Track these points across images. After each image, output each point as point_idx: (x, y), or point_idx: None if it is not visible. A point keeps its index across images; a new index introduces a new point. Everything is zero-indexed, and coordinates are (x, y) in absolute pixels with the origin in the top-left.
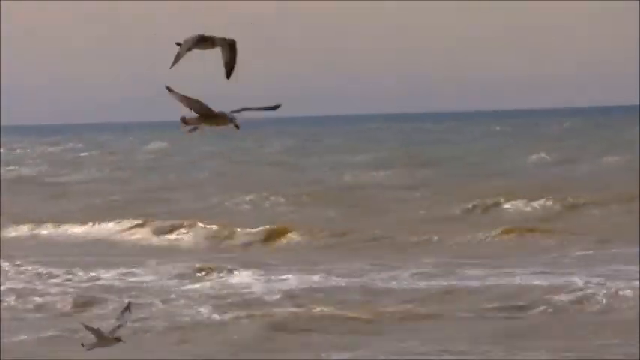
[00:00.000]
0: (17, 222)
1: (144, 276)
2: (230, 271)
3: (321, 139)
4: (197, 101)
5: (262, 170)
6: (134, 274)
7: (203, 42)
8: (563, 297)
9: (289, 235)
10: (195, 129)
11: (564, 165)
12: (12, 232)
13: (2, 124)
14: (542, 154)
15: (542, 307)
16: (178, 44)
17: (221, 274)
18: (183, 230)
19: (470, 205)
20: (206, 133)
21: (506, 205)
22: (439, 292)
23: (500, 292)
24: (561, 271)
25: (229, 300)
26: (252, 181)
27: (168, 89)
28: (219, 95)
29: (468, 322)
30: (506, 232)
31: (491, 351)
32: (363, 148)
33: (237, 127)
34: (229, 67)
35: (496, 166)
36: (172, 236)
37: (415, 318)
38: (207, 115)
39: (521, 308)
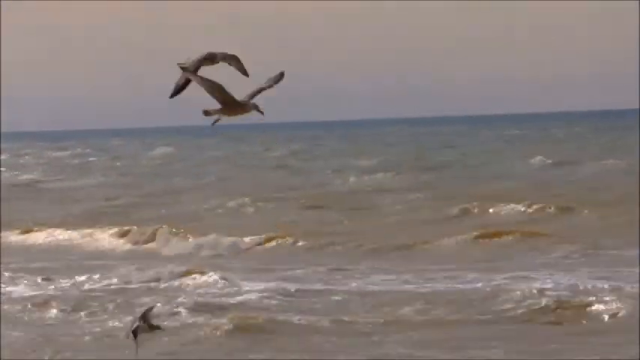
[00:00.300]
0: (10, 227)
1: (135, 280)
2: (226, 275)
3: (329, 142)
4: (219, 87)
5: (265, 174)
6: (125, 278)
7: (204, 62)
8: (565, 300)
9: (285, 239)
10: (218, 120)
11: (564, 168)
12: (7, 236)
13: (17, 130)
14: (542, 157)
15: (543, 311)
16: (183, 68)
17: (216, 278)
18: (179, 234)
19: (466, 206)
20: (214, 138)
21: (501, 208)
22: (435, 295)
23: (498, 296)
24: (564, 273)
25: (222, 304)
26: (253, 184)
27: (183, 69)
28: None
29: (470, 325)
30: (503, 234)
31: (493, 355)
32: (368, 152)
33: (261, 112)
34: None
35: (495, 170)
36: (167, 240)
37: (412, 322)
38: (228, 104)
39: (520, 311)
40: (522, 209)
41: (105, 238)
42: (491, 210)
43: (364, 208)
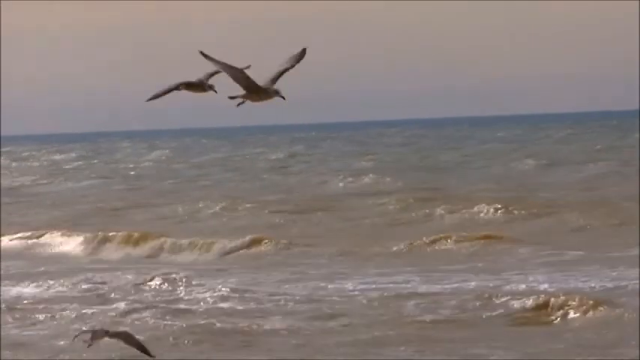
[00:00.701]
0: None
1: (109, 284)
2: (204, 279)
3: (331, 144)
4: (240, 72)
5: (256, 177)
6: (96, 282)
7: (192, 87)
8: (571, 302)
9: (264, 242)
10: (243, 102)
11: (557, 169)
12: None
13: (28, 133)
14: (535, 159)
15: (537, 310)
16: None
17: (193, 282)
18: (156, 238)
19: (451, 208)
20: (220, 140)
21: (486, 209)
22: (425, 296)
23: (491, 297)
24: (564, 277)
25: (196, 309)
26: (241, 188)
27: (204, 55)
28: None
29: (465, 326)
30: (488, 236)
31: (492, 356)
32: (365, 154)
33: (282, 97)
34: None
35: (488, 171)
36: (147, 245)
37: (404, 323)
38: (252, 89)
39: (515, 312)
40: (511, 211)
41: (79, 241)
42: (475, 209)
43: (350, 210)
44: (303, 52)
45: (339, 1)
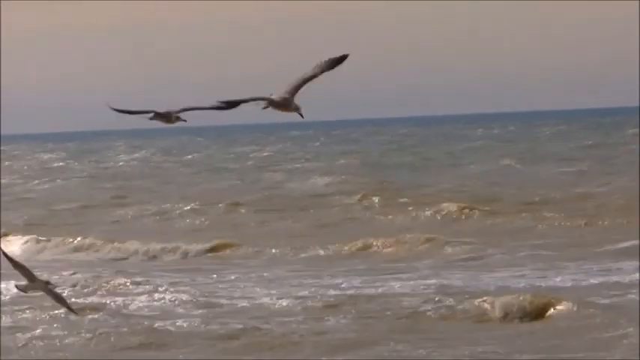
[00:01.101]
0: None
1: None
2: (157, 286)
3: (319, 143)
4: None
5: (232, 176)
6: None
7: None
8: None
9: (225, 245)
10: (266, 107)
11: (531, 168)
12: None
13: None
14: (511, 158)
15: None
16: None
17: (152, 289)
18: (128, 241)
19: (416, 207)
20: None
21: (447, 208)
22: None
23: (469, 295)
24: (543, 274)
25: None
26: (210, 189)
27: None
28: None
29: (447, 326)
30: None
31: (482, 356)
32: (346, 154)
33: (301, 115)
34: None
35: (463, 170)
36: (113, 247)
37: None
38: (274, 105)
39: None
40: (489, 208)
41: (42, 242)
42: (438, 205)
43: (324, 209)
44: (338, 60)
45: (339, 1)
